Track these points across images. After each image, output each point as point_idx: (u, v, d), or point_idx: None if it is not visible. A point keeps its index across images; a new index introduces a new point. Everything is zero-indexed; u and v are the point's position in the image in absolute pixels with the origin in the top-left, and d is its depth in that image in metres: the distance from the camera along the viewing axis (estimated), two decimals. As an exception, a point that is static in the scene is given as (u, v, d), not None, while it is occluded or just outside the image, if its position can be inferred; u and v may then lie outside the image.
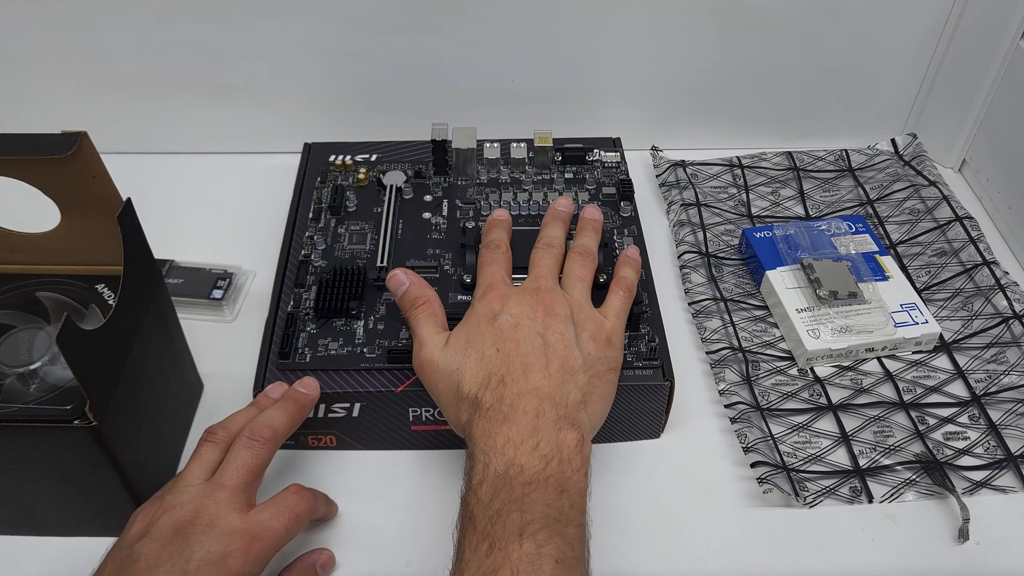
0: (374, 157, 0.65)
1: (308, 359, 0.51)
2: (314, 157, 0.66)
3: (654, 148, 0.74)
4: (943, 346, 0.59)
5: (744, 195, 0.71)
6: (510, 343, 0.45)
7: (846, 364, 0.58)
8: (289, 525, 0.42)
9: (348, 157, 0.65)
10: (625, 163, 0.66)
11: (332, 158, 0.65)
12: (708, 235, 0.66)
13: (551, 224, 0.54)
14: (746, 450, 0.52)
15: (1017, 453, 0.52)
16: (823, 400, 0.55)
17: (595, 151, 0.66)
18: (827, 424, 0.54)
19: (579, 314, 0.47)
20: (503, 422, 0.42)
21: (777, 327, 0.60)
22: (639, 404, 0.51)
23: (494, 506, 0.39)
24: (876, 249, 0.63)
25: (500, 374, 0.44)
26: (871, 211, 0.69)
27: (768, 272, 0.61)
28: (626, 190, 0.62)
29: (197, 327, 0.57)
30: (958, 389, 0.56)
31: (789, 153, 0.75)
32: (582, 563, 0.39)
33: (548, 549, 0.38)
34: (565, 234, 0.54)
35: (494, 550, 0.38)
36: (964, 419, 0.54)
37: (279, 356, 0.51)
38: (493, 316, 0.46)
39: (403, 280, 0.50)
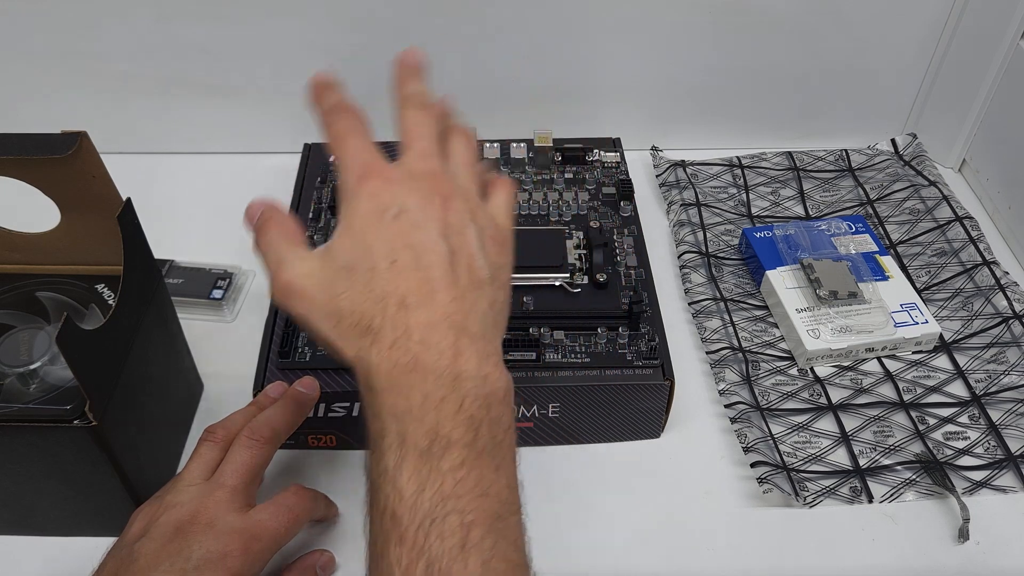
0: (374, 157, 0.65)
1: (308, 358, 0.51)
2: (314, 157, 0.66)
3: (654, 148, 0.74)
4: (943, 346, 0.59)
5: (744, 195, 0.71)
6: (406, 251, 0.35)
7: (846, 364, 0.58)
8: (288, 525, 0.42)
9: (348, 157, 0.65)
10: (625, 163, 0.66)
11: (332, 158, 0.65)
12: (708, 235, 0.66)
13: (411, 79, 0.41)
14: (746, 450, 0.51)
15: (1017, 453, 0.52)
16: (823, 400, 0.55)
17: (595, 151, 0.66)
18: (827, 424, 0.54)
19: (476, 209, 0.37)
20: (414, 369, 0.33)
21: (777, 327, 0.60)
22: (639, 404, 0.51)
23: (423, 506, 0.31)
24: (876, 249, 0.63)
25: (399, 295, 0.34)
26: (871, 211, 0.69)
27: (768, 272, 0.61)
28: (626, 190, 0.62)
29: (197, 327, 0.57)
30: (958, 389, 0.56)
31: (789, 153, 0.75)
32: (528, 570, 0.33)
33: (497, 564, 0.30)
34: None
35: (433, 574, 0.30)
36: (964, 419, 0.54)
37: (279, 356, 0.51)
38: (380, 212, 0.35)
39: (256, 209, 0.39)
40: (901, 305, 0.59)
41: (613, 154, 0.66)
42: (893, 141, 0.76)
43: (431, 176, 0.37)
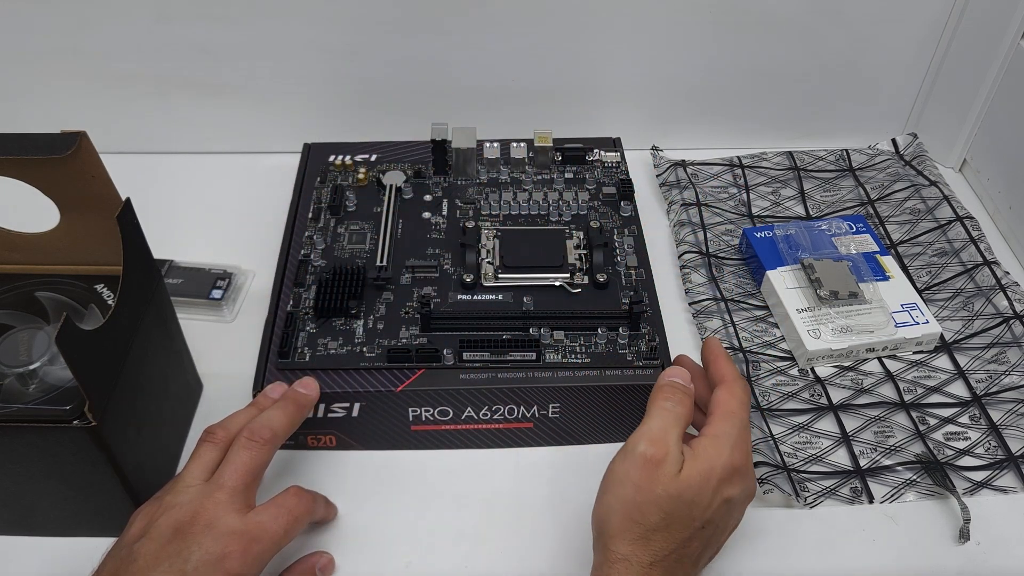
0: (374, 157, 0.65)
1: (308, 359, 0.51)
2: (314, 157, 0.66)
3: (654, 148, 0.74)
4: (944, 346, 0.59)
5: (744, 195, 0.71)
6: (710, 527, 0.42)
7: (847, 364, 0.58)
8: (288, 527, 0.42)
9: (348, 157, 0.65)
10: (625, 163, 0.66)
11: (332, 158, 0.65)
12: (708, 235, 0.66)
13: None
14: (746, 450, 0.51)
15: (1018, 453, 0.52)
16: (824, 400, 0.55)
17: (595, 151, 0.66)
18: (828, 424, 0.54)
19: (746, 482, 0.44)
20: None
21: (778, 327, 0.60)
22: (639, 404, 0.51)
23: None
24: (877, 249, 0.63)
25: (691, 553, 0.41)
26: (872, 211, 0.69)
27: (769, 272, 0.61)
28: (626, 190, 0.62)
29: (197, 327, 0.57)
30: (959, 389, 0.56)
31: (789, 153, 0.75)
32: None
33: None
34: None
35: None
36: (965, 419, 0.54)
37: (279, 356, 0.51)
38: (718, 488, 0.41)
39: (677, 372, 0.46)
40: (902, 305, 0.59)
41: (613, 154, 0.66)
42: (894, 141, 0.76)
43: (750, 479, 0.44)
